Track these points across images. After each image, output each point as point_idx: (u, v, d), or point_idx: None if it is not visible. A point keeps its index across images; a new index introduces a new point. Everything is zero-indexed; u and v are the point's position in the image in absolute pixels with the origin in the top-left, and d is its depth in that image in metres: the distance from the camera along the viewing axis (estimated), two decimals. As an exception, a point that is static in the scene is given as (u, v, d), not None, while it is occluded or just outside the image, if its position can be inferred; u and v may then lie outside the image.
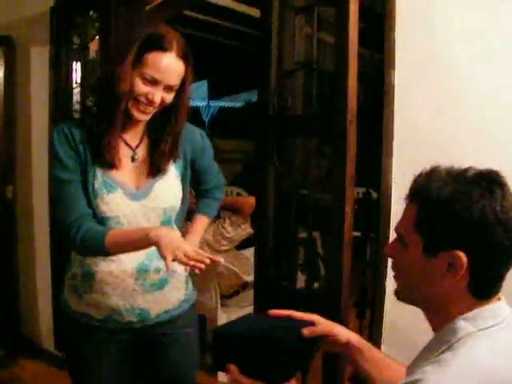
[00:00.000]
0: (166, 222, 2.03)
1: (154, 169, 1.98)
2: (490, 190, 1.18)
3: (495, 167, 1.25)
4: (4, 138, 4.30)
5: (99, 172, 1.91)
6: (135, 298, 2.00)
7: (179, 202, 2.07)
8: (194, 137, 2.17)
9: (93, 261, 1.97)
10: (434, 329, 1.31)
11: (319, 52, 2.70)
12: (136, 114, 1.89)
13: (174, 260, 1.66)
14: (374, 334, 2.60)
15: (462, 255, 1.18)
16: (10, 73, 4.27)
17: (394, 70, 2.42)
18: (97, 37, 3.78)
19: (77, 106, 3.93)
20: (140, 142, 2.01)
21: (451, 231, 1.19)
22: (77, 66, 3.90)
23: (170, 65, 1.83)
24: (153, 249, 1.78)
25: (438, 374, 1.12)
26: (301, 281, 2.81)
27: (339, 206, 2.40)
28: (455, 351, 1.16)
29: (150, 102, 1.86)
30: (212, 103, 13.76)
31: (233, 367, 1.41)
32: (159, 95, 1.85)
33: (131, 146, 1.99)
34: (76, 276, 2.04)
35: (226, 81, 12.44)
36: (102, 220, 1.91)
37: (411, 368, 1.31)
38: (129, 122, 1.95)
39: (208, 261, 1.68)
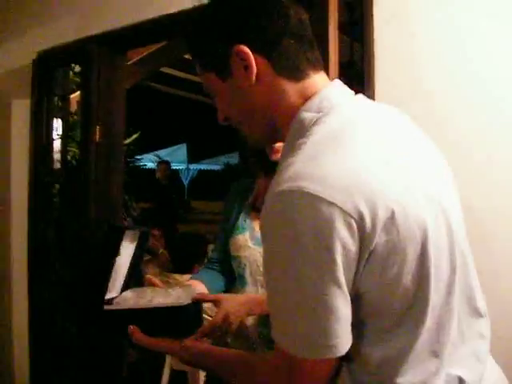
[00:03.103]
0: None
1: None
2: None
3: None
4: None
5: (243, 214, 2.01)
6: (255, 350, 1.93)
7: None
8: None
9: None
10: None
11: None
12: (272, 156, 1.89)
13: None
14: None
15: (239, 46, 1.13)
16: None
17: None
18: (75, 86, 3.83)
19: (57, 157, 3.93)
20: None
21: (217, 37, 1.16)
22: (58, 118, 3.92)
23: None
24: None
25: (297, 157, 1.04)
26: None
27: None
28: (307, 135, 1.09)
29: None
30: (191, 166, 13.88)
31: (135, 328, 1.43)
32: None
33: None
34: None
35: (206, 143, 12.56)
36: (231, 258, 1.99)
37: None
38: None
39: None
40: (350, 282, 1.00)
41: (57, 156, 3.93)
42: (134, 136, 5.59)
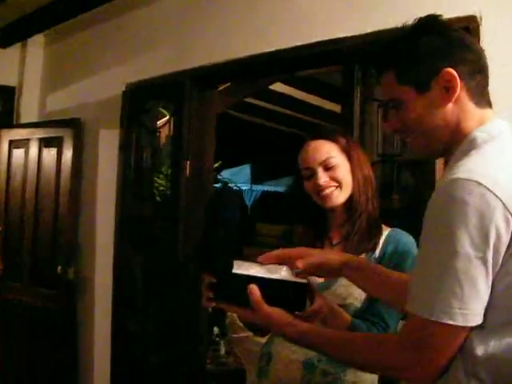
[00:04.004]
0: None
1: None
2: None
3: None
4: (69, 219, 4.30)
5: None
6: None
7: (362, 303, 1.82)
8: (402, 239, 1.90)
9: (273, 342, 1.94)
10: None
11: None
12: (319, 202, 1.92)
13: None
14: None
15: (450, 70, 1.31)
16: (78, 154, 4.32)
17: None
18: (165, 119, 3.83)
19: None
20: (341, 239, 1.95)
21: (430, 54, 1.35)
22: (145, 151, 3.92)
23: (313, 148, 1.91)
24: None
25: (469, 160, 1.23)
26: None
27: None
28: (478, 148, 1.27)
29: (319, 186, 1.88)
30: (255, 187, 13.80)
31: (255, 288, 1.40)
32: (321, 176, 1.87)
33: (332, 242, 1.97)
34: (262, 355, 1.98)
35: (269, 165, 12.51)
36: None
37: None
38: (331, 216, 1.97)
39: None
40: (494, 271, 1.15)
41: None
42: (215, 165, 5.57)
